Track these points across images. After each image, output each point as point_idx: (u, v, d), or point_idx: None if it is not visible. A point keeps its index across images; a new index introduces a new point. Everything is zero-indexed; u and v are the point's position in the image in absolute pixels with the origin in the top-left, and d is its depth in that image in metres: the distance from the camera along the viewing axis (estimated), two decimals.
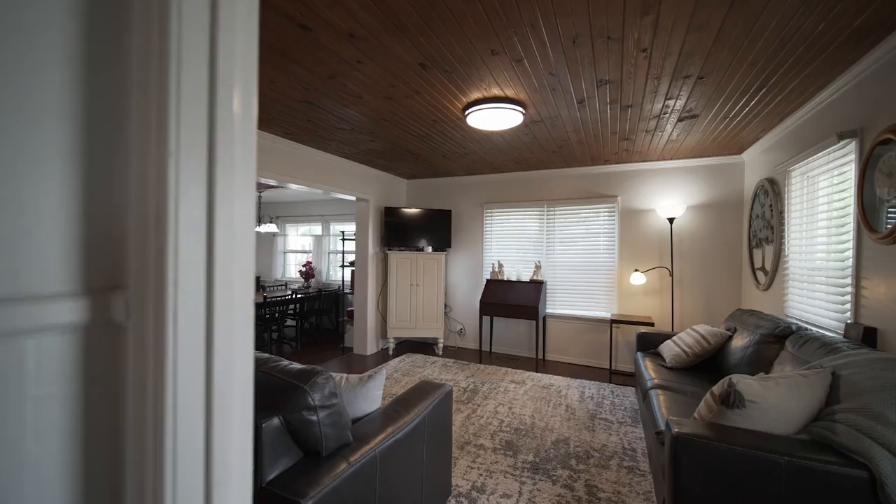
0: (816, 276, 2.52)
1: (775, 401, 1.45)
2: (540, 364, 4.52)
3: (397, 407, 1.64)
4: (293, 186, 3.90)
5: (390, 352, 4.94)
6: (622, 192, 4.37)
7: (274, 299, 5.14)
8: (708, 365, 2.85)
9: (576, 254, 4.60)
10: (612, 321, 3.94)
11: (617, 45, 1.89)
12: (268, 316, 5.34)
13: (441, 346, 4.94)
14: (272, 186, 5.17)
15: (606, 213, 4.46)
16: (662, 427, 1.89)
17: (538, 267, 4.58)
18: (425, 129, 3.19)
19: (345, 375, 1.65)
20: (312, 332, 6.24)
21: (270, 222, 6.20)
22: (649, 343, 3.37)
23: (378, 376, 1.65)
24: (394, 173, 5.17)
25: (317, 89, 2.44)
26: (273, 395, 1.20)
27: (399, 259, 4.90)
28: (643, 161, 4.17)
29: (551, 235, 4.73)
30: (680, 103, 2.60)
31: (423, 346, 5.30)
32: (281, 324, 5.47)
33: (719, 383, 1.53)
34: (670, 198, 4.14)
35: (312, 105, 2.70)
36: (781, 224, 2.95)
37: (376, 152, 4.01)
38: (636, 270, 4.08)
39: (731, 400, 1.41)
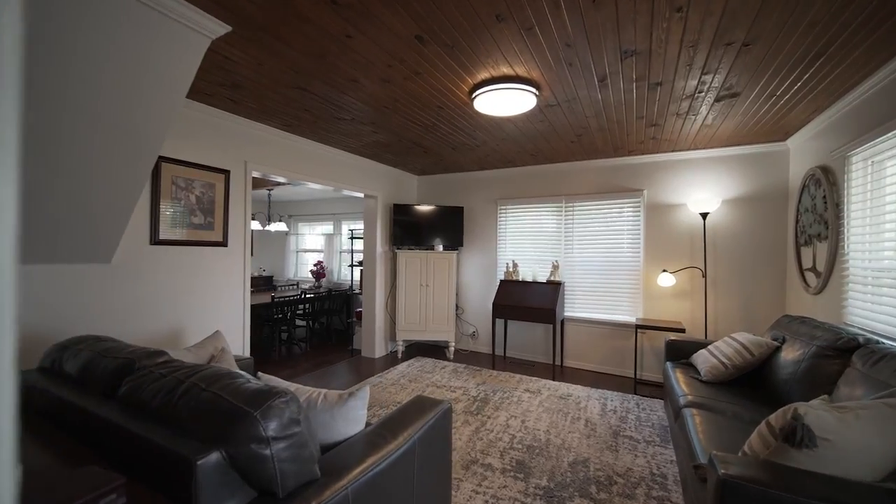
0: (884, 277, 2.14)
1: (856, 438, 1.14)
2: (557, 371, 4.21)
3: (383, 430, 1.41)
4: (296, 182, 3.73)
5: (399, 355, 4.73)
6: (648, 186, 4.01)
7: (282, 299, 5.01)
8: (750, 380, 2.50)
9: (597, 253, 4.27)
10: (637, 326, 3.60)
11: (646, 3, 1.60)
12: (279, 316, 5.23)
13: (452, 349, 4.69)
14: (279, 183, 5.05)
15: (631, 209, 4.11)
16: (702, 460, 1.58)
17: (556, 267, 4.27)
18: (430, 117, 2.95)
19: (323, 392, 1.42)
20: (322, 333, 6.11)
21: (280, 221, 6.10)
22: (680, 352, 3.02)
23: (361, 394, 1.42)
24: (403, 169, 4.95)
25: (308, 72, 2.24)
26: (218, 422, 0.99)
27: (408, 258, 4.68)
28: (672, 151, 3.80)
29: (570, 233, 4.41)
30: (719, 79, 2.26)
31: (434, 350, 5.07)
32: (291, 324, 5.36)
33: (779, 413, 1.23)
34: (703, 191, 3.76)
35: (306, 91, 2.50)
36: (838, 218, 2.56)
37: (382, 145, 3.80)
38: (664, 271, 3.72)
39: (797, 437, 1.11)
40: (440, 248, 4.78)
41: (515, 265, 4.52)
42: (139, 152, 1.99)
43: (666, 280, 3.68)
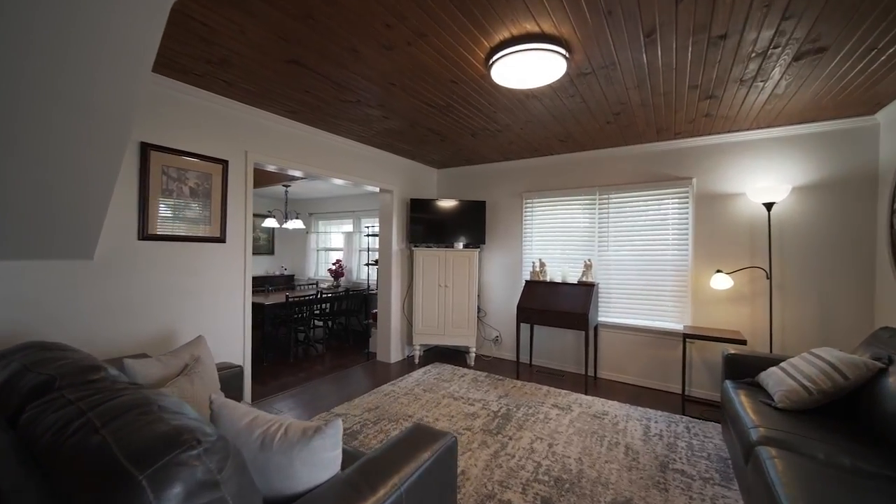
0: None
1: None
2: (590, 383, 3.75)
3: (361, 478, 1.07)
4: (313, 175, 3.49)
5: (416, 360, 4.41)
6: (698, 173, 3.48)
7: (296, 299, 4.82)
8: (841, 409, 1.99)
9: (636, 250, 3.77)
10: (686, 335, 3.09)
11: None
12: (301, 315, 5.05)
13: (473, 355, 4.33)
14: (295, 178, 4.86)
15: (677, 200, 3.59)
16: None
17: (588, 266, 3.81)
18: (443, 95, 2.60)
19: (285, 425, 1.11)
20: (340, 334, 5.91)
21: (297, 218, 5.95)
22: (743, 369, 2.51)
23: (330, 430, 1.09)
24: (421, 161, 4.63)
25: (298, 40, 1.95)
26: (94, 488, 0.68)
27: (426, 256, 4.35)
28: (728, 131, 3.26)
29: (604, 228, 3.93)
30: (803, 28, 1.78)
31: (454, 355, 4.72)
32: (308, 325, 5.18)
33: None
34: (767, 177, 3.19)
35: (301, 66, 2.22)
36: None
37: (394, 133, 3.48)
38: (718, 272, 3.19)
39: None
40: (460, 245, 4.43)
41: (542, 264, 4.09)
42: (107, 135, 1.76)
43: (721, 282, 3.15)
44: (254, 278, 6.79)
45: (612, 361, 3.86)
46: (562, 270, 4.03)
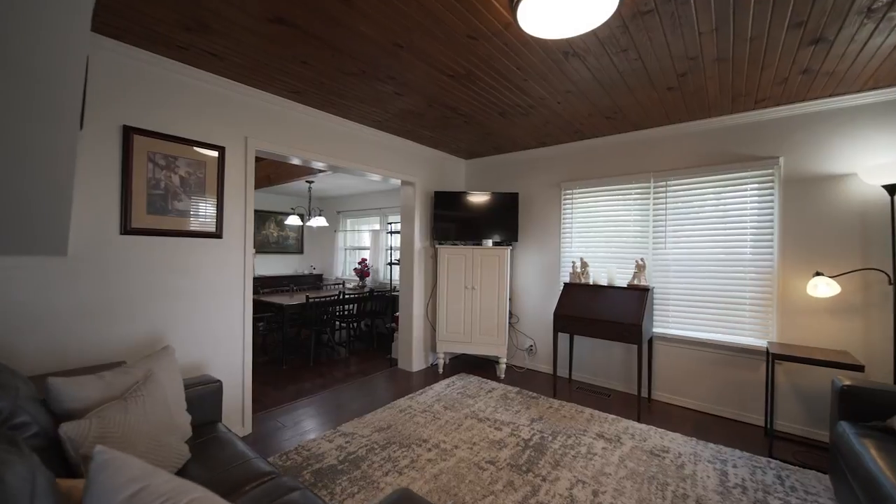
0: None
1: None
2: (644, 407, 3.14)
3: None
4: (335, 168, 3.18)
5: (440, 370, 3.99)
6: (787, 151, 2.77)
7: (317, 300, 4.57)
8: None
9: (701, 248, 3.11)
10: (775, 356, 2.43)
11: None
12: (326, 317, 4.81)
13: (503, 366, 3.83)
14: (315, 171, 4.62)
15: (757, 185, 2.90)
16: None
17: (640, 267, 3.20)
18: (461, 59, 2.16)
19: None
20: (365, 337, 5.63)
21: (320, 215, 5.74)
22: (866, 407, 1.86)
23: None
24: (446, 151, 4.21)
25: None
26: None
27: (451, 255, 3.92)
28: (832, 95, 2.54)
29: (660, 222, 3.30)
30: None
31: (483, 364, 4.25)
32: (331, 327, 4.93)
33: None
34: (889, 152, 2.45)
35: (289, 26, 1.87)
36: None
37: (412, 115, 3.08)
38: (818, 274, 2.49)
39: None
40: (489, 242, 3.95)
41: (584, 264, 3.53)
42: (54, 110, 1.49)
43: (822, 288, 2.45)
44: (281, 277, 6.70)
45: (671, 381, 3.22)
46: (608, 271, 3.43)
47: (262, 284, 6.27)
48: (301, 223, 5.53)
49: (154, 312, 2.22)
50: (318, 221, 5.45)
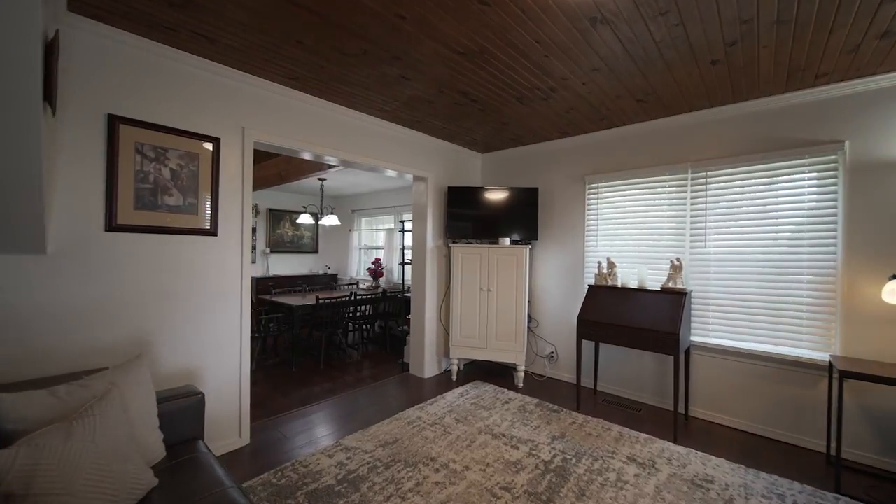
0: None
1: None
2: (680, 424, 2.80)
3: None
4: (347, 163, 3.00)
5: (453, 376, 3.75)
6: (854, 134, 2.39)
7: (327, 301, 4.41)
8: None
9: (748, 246, 2.75)
10: (843, 372, 2.06)
11: None
12: (337, 319, 4.65)
13: (521, 374, 3.55)
14: (325, 166, 4.46)
15: (816, 174, 2.52)
16: None
17: (676, 267, 2.87)
18: (471, 31, 1.91)
19: None
20: (378, 339, 5.45)
21: (332, 213, 5.59)
22: None
23: None
24: (461, 143, 3.96)
25: None
26: None
27: (465, 254, 3.67)
28: None
29: (699, 217, 2.95)
30: None
31: (499, 371, 3.98)
32: (342, 328, 4.77)
33: None
34: None
35: None
36: None
37: (422, 103, 2.85)
38: (895, 277, 2.11)
39: None
40: (506, 241, 3.68)
41: (611, 265, 3.21)
42: (10, 92, 1.33)
43: None
44: (295, 277, 6.61)
45: (712, 397, 2.87)
46: (638, 273, 3.10)
47: (276, 284, 6.19)
48: (313, 222, 5.39)
49: (142, 315, 2.07)
50: (331, 220, 5.30)
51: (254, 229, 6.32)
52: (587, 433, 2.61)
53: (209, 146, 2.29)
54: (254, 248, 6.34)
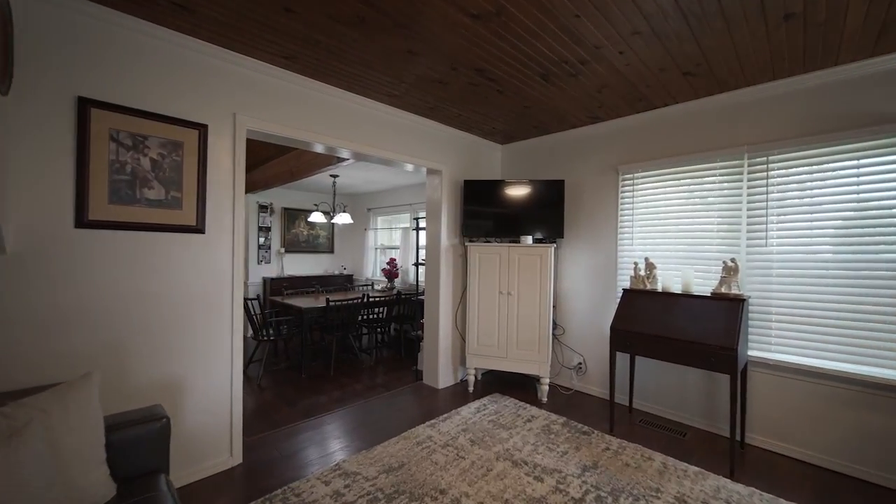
0: None
1: None
2: (736, 453, 2.38)
3: None
4: (360, 156, 2.75)
5: (470, 387, 3.43)
6: None
7: (337, 304, 4.17)
8: None
9: (823, 243, 2.29)
10: None
11: None
12: (348, 322, 4.41)
13: (546, 387, 3.19)
14: (336, 160, 4.22)
15: None
16: None
17: (731, 269, 2.44)
18: None
19: None
20: (393, 343, 5.19)
21: (345, 211, 5.37)
22: None
23: None
24: (479, 133, 3.64)
25: None
26: None
27: (483, 254, 3.34)
28: None
29: (758, 210, 2.51)
30: None
31: (522, 381, 3.63)
32: (357, 332, 4.54)
33: None
34: None
35: None
36: None
37: (434, 85, 2.54)
38: None
39: None
40: (529, 239, 3.32)
41: (650, 266, 2.80)
42: None
43: None
44: (310, 278, 6.45)
45: (775, 423, 2.42)
46: (682, 275, 2.69)
47: (290, 285, 6.04)
48: (325, 220, 5.19)
49: (117, 321, 1.86)
50: (343, 218, 5.08)
51: (268, 228, 6.19)
52: (624, 463, 2.23)
53: (194, 133, 2.06)
54: (268, 247, 6.21)
